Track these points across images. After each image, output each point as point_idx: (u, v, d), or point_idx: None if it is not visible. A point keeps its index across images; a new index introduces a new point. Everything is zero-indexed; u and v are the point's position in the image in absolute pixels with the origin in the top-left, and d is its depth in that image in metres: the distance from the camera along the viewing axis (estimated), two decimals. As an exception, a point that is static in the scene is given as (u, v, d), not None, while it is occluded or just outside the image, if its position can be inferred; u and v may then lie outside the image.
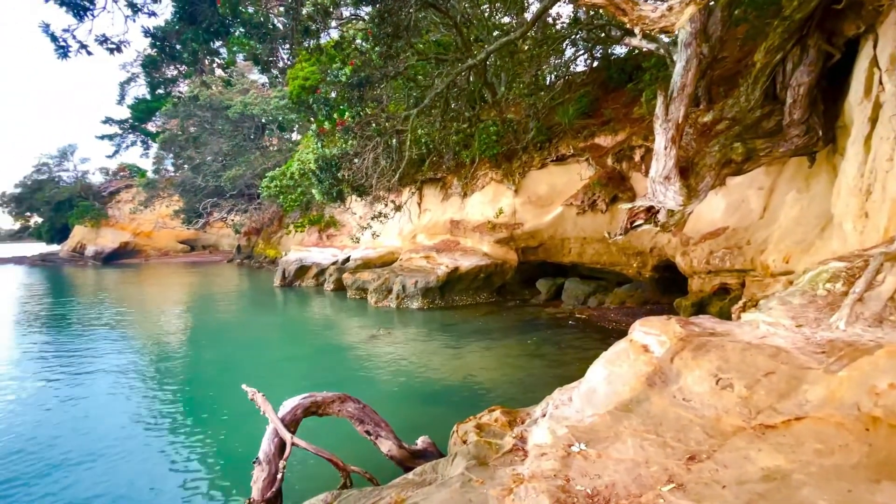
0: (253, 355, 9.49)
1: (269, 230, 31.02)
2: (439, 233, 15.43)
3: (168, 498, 4.42)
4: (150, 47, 6.75)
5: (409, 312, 12.64)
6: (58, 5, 5.09)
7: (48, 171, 41.80)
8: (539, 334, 9.81)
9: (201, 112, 29.44)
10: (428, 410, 6.21)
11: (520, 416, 3.70)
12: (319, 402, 4.44)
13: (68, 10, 5.16)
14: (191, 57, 6.35)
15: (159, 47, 6.48)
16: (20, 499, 4.43)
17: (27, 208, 41.56)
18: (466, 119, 8.04)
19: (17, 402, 6.94)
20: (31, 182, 41.18)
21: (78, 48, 5.43)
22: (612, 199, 10.95)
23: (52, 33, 5.24)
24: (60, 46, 5.28)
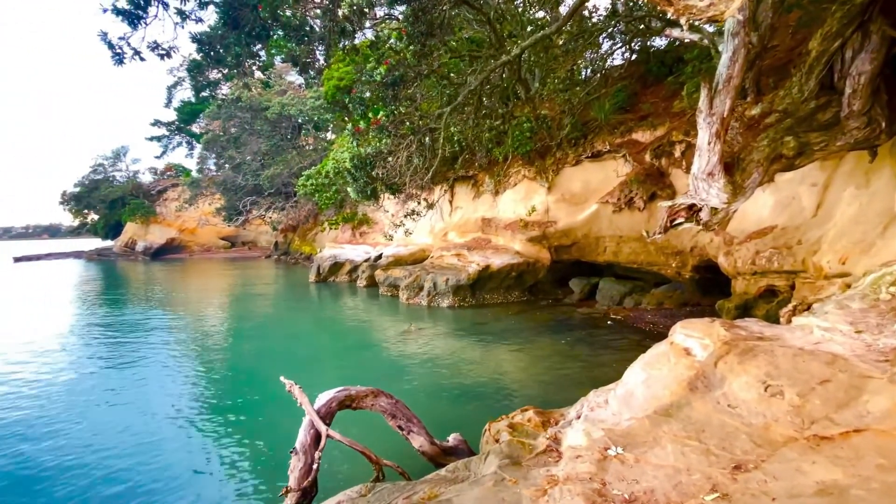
0: (289, 348, 9.80)
1: (304, 227, 31.91)
2: (470, 231, 15.40)
3: (209, 482, 4.61)
4: (197, 52, 7.10)
5: (439, 310, 12.70)
6: (114, 14, 5.45)
7: (103, 171, 44.62)
8: (572, 334, 9.63)
9: (242, 113, 30.58)
10: (458, 408, 6.22)
11: (553, 416, 3.64)
12: (353, 395, 4.53)
13: (123, 18, 5.50)
14: (234, 60, 6.62)
15: (205, 52, 6.80)
16: (66, 477, 4.73)
17: (85, 206, 44.48)
18: (499, 116, 7.97)
19: (69, 384, 7.45)
20: (88, 182, 44.08)
21: (132, 55, 5.78)
22: (651, 197, 10.59)
23: (109, 41, 5.60)
24: (116, 54, 5.64)
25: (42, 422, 6.03)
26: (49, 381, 7.68)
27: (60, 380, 7.74)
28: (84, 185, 43.88)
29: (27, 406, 6.59)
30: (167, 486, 4.52)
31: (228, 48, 6.44)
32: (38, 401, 6.76)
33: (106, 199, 42.90)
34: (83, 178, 44.20)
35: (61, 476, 4.74)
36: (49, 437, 5.59)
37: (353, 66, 12.94)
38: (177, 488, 4.50)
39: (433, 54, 7.25)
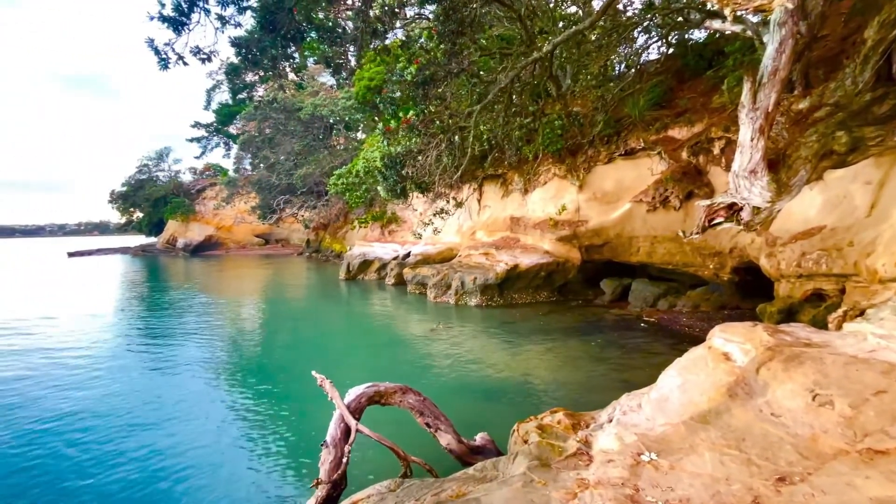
0: (319, 343, 10.03)
1: (335, 225, 32.55)
2: (499, 230, 15.30)
3: (240, 472, 4.74)
4: (235, 55, 7.37)
5: (467, 309, 12.69)
6: (160, 22, 5.73)
7: (148, 171, 46.94)
8: (603, 336, 9.42)
9: (276, 114, 31.46)
10: (485, 407, 6.20)
11: (584, 419, 3.58)
12: (382, 391, 4.58)
13: (169, 25, 5.78)
14: (270, 62, 6.84)
15: (243, 55, 7.06)
16: (100, 468, 4.96)
17: (131, 204, 46.91)
18: (530, 113, 7.87)
19: (107, 371, 7.87)
20: (134, 181, 46.49)
21: (176, 59, 6.07)
22: (687, 196, 10.22)
23: (155, 47, 5.91)
24: (162, 59, 5.94)
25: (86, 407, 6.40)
26: (93, 369, 8.14)
27: (105, 365, 8.19)
28: (130, 185, 46.32)
29: (69, 401, 7.00)
30: (200, 472, 4.67)
31: (265, 51, 6.65)
32: (82, 391, 7.18)
33: (150, 197, 45.18)
34: (130, 178, 46.66)
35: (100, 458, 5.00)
36: (92, 425, 5.92)
37: (383, 66, 13.10)
38: (209, 474, 4.66)
39: (463, 52, 7.23)
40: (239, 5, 6.23)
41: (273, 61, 6.89)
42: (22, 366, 8.34)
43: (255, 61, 6.98)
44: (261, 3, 6.07)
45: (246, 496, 4.30)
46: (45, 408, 6.39)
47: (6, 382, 7.42)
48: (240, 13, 6.37)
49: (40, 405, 6.48)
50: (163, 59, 6.01)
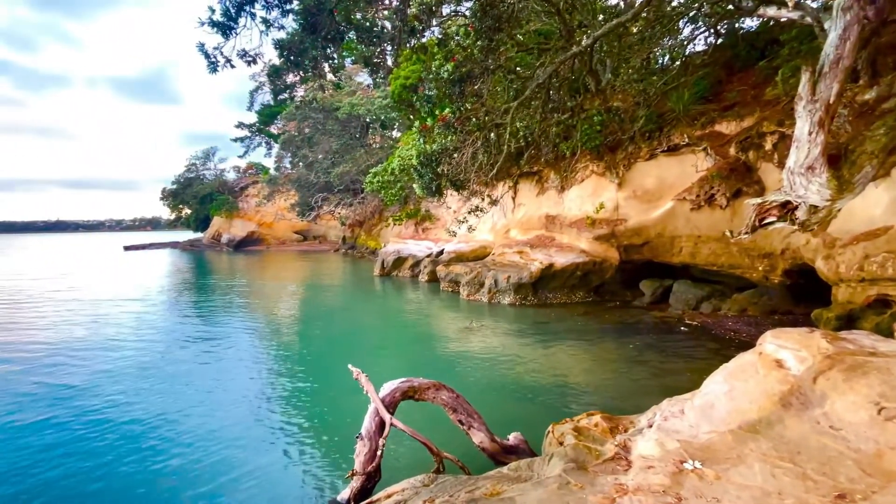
0: (354, 337, 10.25)
1: (370, 223, 33.13)
2: (533, 228, 15.09)
3: (277, 461, 4.87)
4: (278, 57, 7.63)
5: (500, 307, 12.60)
6: (209, 27, 6.04)
7: (196, 169, 49.42)
8: (641, 339, 9.12)
9: (315, 114, 32.32)
10: (518, 407, 6.14)
11: (622, 423, 3.48)
12: (416, 387, 4.63)
13: (218, 30, 6.08)
14: (311, 63, 7.04)
15: (285, 56, 7.31)
16: (142, 454, 5.25)
17: (180, 201, 49.54)
18: (568, 109, 7.69)
19: (156, 357, 8.34)
20: (183, 179, 49.05)
21: (224, 62, 6.38)
22: (735, 194, 9.72)
23: (205, 51, 6.23)
24: (211, 62, 6.26)
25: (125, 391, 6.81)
26: (141, 354, 8.66)
27: (154, 350, 8.70)
28: (180, 183, 48.91)
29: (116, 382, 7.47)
30: (238, 460, 4.81)
31: (306, 52, 6.86)
32: (132, 380, 7.64)
33: (197, 195, 47.57)
34: (179, 177, 49.28)
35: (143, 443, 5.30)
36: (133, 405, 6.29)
37: (419, 64, 13.18)
38: (247, 462, 4.81)
39: (500, 49, 7.16)
40: (282, 8, 6.45)
41: (314, 62, 7.09)
42: (81, 349, 8.99)
43: (297, 62, 7.21)
44: (303, 5, 6.26)
45: (283, 485, 4.43)
46: (95, 394, 6.84)
47: (68, 363, 8.02)
48: (283, 16, 6.61)
49: (93, 391, 6.96)
50: (212, 63, 6.33)
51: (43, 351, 8.99)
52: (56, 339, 9.88)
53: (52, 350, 9.04)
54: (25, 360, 8.35)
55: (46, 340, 9.82)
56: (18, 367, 7.97)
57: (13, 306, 14.11)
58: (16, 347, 9.31)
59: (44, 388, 6.94)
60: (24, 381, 7.23)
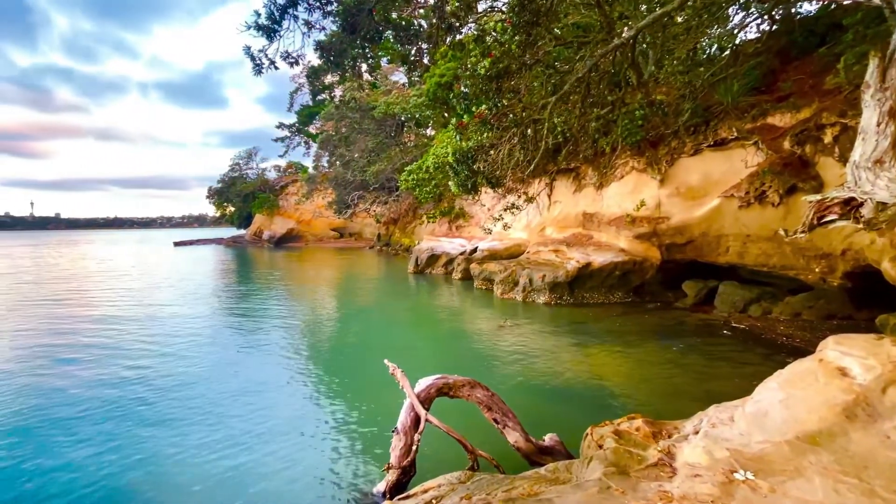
0: (388, 333, 10.40)
1: (405, 220, 33.48)
2: (570, 226, 14.78)
3: (314, 453, 4.97)
4: (319, 58, 7.84)
5: (535, 306, 12.44)
6: (255, 31, 6.29)
7: (239, 169, 51.56)
8: (684, 341, 8.76)
9: (352, 114, 32.94)
10: (553, 408, 6.05)
11: (665, 428, 3.34)
12: (451, 384, 4.64)
13: (262, 34, 6.32)
14: (350, 63, 7.19)
15: (325, 57, 7.49)
16: (184, 448, 5.41)
17: (224, 199, 51.85)
18: (608, 104, 7.45)
19: (199, 348, 8.75)
20: (227, 179, 51.30)
21: (268, 64, 6.63)
22: (789, 190, 9.14)
23: (251, 54, 6.49)
24: (256, 64, 6.52)
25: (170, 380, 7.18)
26: (187, 345, 9.12)
27: (200, 341, 9.15)
28: (224, 182, 51.19)
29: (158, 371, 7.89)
30: (275, 452, 4.93)
31: (345, 52, 7.01)
32: (171, 363, 8.06)
33: (240, 193, 49.65)
34: (224, 176, 51.58)
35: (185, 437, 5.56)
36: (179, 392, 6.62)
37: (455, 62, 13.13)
38: (284, 451, 4.93)
39: (538, 43, 7.03)
40: (324, 10, 6.61)
41: (353, 62, 7.24)
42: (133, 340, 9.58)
43: (337, 63, 7.38)
44: (343, 6, 6.40)
45: (320, 474, 4.53)
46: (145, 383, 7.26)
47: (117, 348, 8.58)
48: (324, 18, 6.78)
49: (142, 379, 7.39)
50: (257, 65, 6.59)
51: (109, 339, 9.66)
52: (114, 329, 10.59)
53: (113, 339, 9.70)
54: (96, 342, 9.01)
55: (109, 330, 10.54)
56: (97, 351, 8.60)
57: (95, 293, 15.26)
58: (102, 327, 10.05)
59: (98, 379, 7.45)
60: (88, 360, 7.80)
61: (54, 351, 8.75)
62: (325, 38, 7.86)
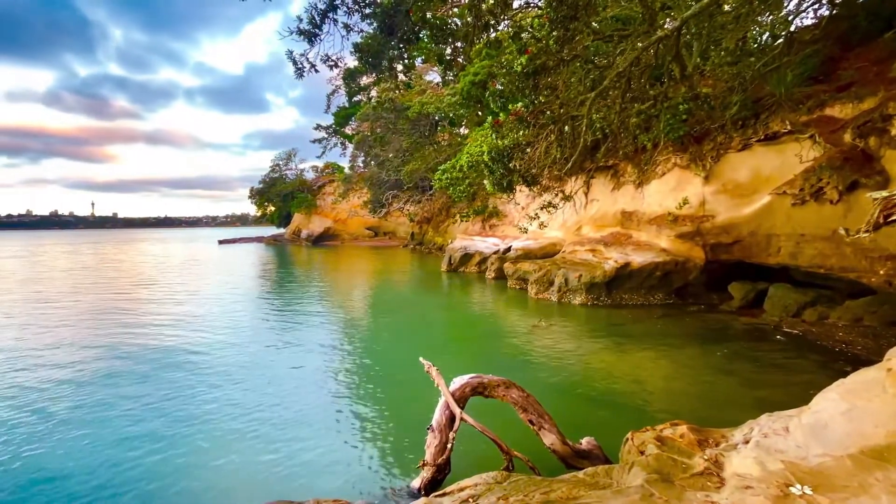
0: (422, 331, 10.48)
1: (438, 219, 33.65)
2: (608, 225, 14.39)
3: (349, 447, 5.06)
4: (357, 60, 8.00)
5: (570, 307, 12.20)
6: (296, 36, 6.51)
7: (279, 170, 53.44)
8: (729, 346, 8.35)
9: (387, 114, 33.41)
10: (589, 411, 5.91)
11: (712, 436, 3.20)
12: (486, 383, 4.62)
13: (304, 38, 6.53)
14: (387, 64, 7.31)
15: (363, 59, 7.64)
16: (219, 441, 5.67)
17: (265, 199, 53.93)
18: (650, 98, 7.17)
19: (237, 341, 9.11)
20: (268, 179, 53.31)
21: (309, 68, 6.84)
22: (850, 187, 8.52)
23: (293, 58, 6.73)
24: (298, 68, 6.75)
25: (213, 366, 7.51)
26: (231, 336, 9.53)
27: (243, 332, 9.55)
28: (265, 182, 53.22)
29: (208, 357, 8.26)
30: (312, 447, 5.02)
31: (382, 53, 7.13)
32: (217, 352, 8.43)
33: (280, 193, 51.50)
34: (265, 177, 53.64)
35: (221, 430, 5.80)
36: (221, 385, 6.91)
37: (489, 60, 13.05)
38: (320, 446, 5.02)
39: (576, 38, 6.88)
40: (362, 12, 6.75)
41: (389, 62, 7.35)
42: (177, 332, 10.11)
43: (374, 64, 7.51)
44: (380, 8, 6.50)
45: (356, 469, 4.60)
46: (187, 370, 7.64)
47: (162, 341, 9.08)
48: (363, 20, 6.91)
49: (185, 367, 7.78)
50: (299, 69, 6.82)
51: (163, 329, 10.27)
52: (165, 321, 11.23)
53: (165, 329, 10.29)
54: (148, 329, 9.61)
55: (162, 322, 11.19)
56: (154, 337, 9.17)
57: (153, 287, 16.28)
58: (156, 315, 10.72)
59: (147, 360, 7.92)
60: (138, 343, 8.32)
61: (114, 342, 9.39)
62: (362, 40, 8.03)
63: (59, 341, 9.48)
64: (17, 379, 7.23)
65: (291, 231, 51.58)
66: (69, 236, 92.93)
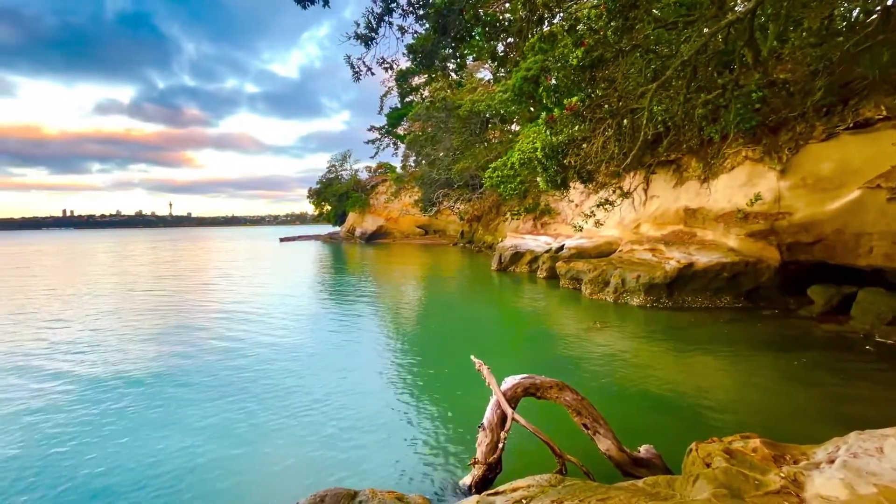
0: (471, 330, 10.48)
1: (488, 217, 33.50)
2: (669, 223, 13.63)
3: (399, 442, 5.14)
4: (411, 61, 8.15)
5: (627, 308, 11.69)
6: (354, 40, 6.75)
7: (335, 171, 55.62)
8: (809, 355, 7.63)
9: (438, 113, 33.70)
10: (646, 417, 5.63)
11: (790, 452, 2.94)
12: (538, 384, 4.54)
13: (361, 42, 6.76)
14: (440, 63, 7.38)
15: (417, 60, 7.77)
16: (274, 436, 5.98)
17: (322, 199, 56.33)
18: (718, 87, 6.67)
19: (297, 335, 9.54)
20: (325, 180, 55.65)
21: (365, 71, 7.08)
22: (961, 179, 7.48)
23: (350, 62, 6.99)
24: (355, 72, 7.00)
25: (267, 361, 7.91)
26: (291, 331, 10.03)
27: (302, 326, 10.04)
28: (322, 183, 55.62)
29: (264, 353, 8.73)
30: (364, 440, 5.16)
31: (436, 53, 7.21)
32: (276, 348, 8.89)
33: (335, 193, 53.61)
34: (322, 177, 56.04)
35: (277, 423, 6.09)
36: (281, 381, 7.28)
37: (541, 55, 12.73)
38: (372, 442, 5.14)
39: (636, 27, 6.55)
40: (416, 14, 6.86)
41: (442, 61, 7.42)
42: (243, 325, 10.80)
43: (427, 64, 7.61)
44: (434, 8, 6.57)
45: (406, 465, 4.66)
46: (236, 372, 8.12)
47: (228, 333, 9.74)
48: (417, 21, 7.03)
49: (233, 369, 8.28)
50: (356, 72, 7.07)
51: (231, 318, 11.07)
52: (235, 314, 12.07)
53: (230, 320, 11.08)
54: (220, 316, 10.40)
55: (233, 311, 12.05)
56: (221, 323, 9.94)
57: (226, 280, 17.65)
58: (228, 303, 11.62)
59: (214, 348, 8.54)
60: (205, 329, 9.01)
61: (187, 330, 10.25)
62: (415, 41, 8.15)
63: (148, 329, 10.49)
64: (108, 361, 8.10)
65: (346, 229, 53.58)
66: (152, 234, 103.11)
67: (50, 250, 45.20)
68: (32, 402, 6.34)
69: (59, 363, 8.01)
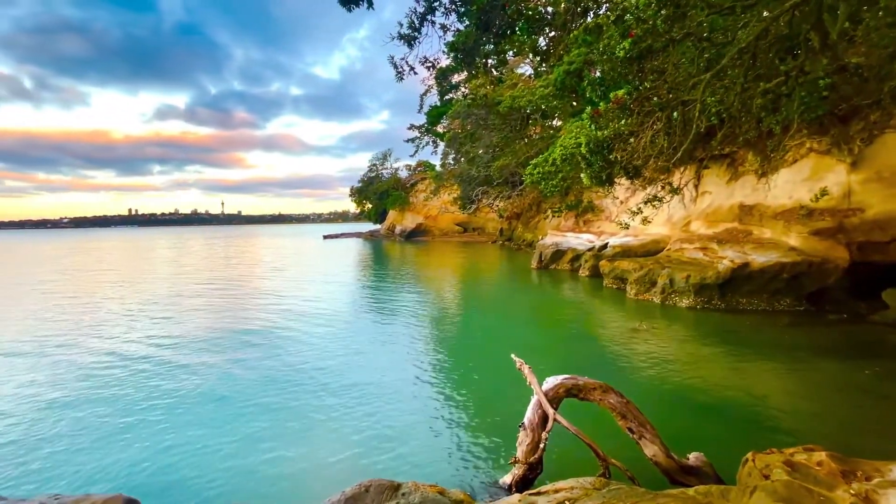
0: (511, 329, 10.38)
1: (528, 215, 33.03)
2: (722, 220, 12.90)
3: (441, 439, 5.18)
4: (452, 59, 8.17)
5: (675, 310, 11.18)
6: (398, 40, 6.85)
7: (376, 169, 56.72)
8: (881, 364, 7.01)
9: (478, 110, 33.52)
10: (695, 423, 5.38)
11: (861, 468, 2.71)
12: (581, 385, 4.45)
13: (404, 42, 6.86)
14: (482, 60, 7.36)
15: (458, 58, 7.78)
16: (316, 435, 6.18)
17: (363, 197, 57.63)
18: (780, 74, 6.21)
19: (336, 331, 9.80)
20: (366, 179, 56.86)
21: (408, 70, 7.18)
22: None
23: (394, 63, 7.11)
24: (398, 71, 7.11)
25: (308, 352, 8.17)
26: (332, 325, 10.33)
27: (342, 320, 10.33)
28: (364, 182, 56.86)
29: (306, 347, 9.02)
30: (406, 436, 5.24)
31: (476, 50, 7.18)
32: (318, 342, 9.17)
33: (376, 192, 54.67)
34: (363, 176, 57.33)
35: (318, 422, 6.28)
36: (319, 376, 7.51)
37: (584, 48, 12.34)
38: (414, 438, 5.23)
39: (688, 14, 6.21)
40: (458, 12, 6.87)
41: (484, 58, 7.39)
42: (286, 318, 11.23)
43: (468, 61, 7.60)
44: (476, 5, 6.54)
45: (446, 461, 4.71)
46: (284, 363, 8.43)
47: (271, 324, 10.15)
48: (459, 19, 7.04)
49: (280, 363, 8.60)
50: (399, 72, 7.19)
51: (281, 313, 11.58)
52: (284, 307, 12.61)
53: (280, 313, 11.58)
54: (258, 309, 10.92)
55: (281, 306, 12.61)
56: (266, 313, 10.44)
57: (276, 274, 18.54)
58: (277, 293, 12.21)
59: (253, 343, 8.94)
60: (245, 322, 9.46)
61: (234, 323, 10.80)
62: (456, 39, 8.15)
63: (204, 323, 11.18)
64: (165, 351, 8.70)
65: (386, 227, 54.55)
66: (207, 231, 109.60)
67: (126, 247, 49.04)
68: (129, 387, 6.95)
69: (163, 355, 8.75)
